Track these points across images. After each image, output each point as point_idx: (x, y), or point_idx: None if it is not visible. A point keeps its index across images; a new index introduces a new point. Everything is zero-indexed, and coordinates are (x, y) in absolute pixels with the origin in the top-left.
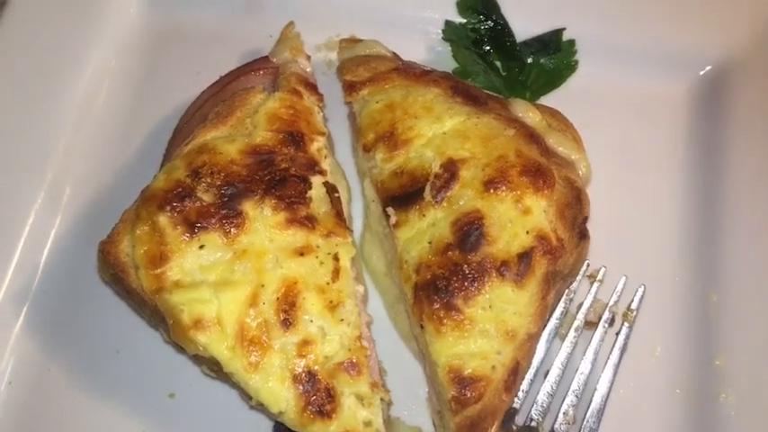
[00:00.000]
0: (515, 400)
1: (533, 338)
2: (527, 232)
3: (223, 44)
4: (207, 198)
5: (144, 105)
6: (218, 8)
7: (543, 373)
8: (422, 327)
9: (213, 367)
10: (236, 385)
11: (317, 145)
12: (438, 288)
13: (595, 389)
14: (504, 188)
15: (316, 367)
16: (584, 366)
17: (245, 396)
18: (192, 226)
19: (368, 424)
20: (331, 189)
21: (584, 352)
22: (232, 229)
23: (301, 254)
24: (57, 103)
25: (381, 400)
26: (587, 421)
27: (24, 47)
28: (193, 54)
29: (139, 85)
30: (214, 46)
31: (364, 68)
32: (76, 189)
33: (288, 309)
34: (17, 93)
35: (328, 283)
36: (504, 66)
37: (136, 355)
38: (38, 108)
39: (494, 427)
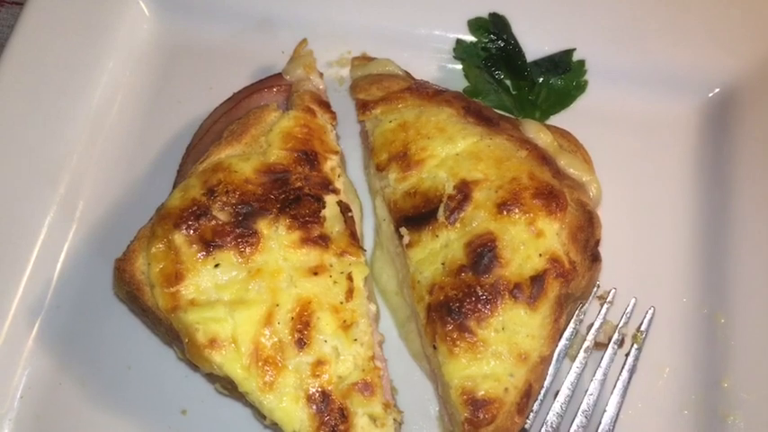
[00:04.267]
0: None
1: (546, 361)
2: (540, 255)
3: (236, 60)
4: (222, 217)
5: (156, 120)
6: (230, 24)
7: (553, 393)
8: (434, 348)
9: (227, 386)
10: (249, 404)
11: (330, 164)
12: (451, 309)
13: (604, 410)
14: (517, 211)
15: (329, 387)
16: (594, 387)
17: (260, 415)
18: (208, 244)
19: None
20: (344, 208)
21: (594, 373)
22: (247, 248)
23: (315, 273)
24: (69, 118)
25: (393, 420)
26: None
27: (37, 61)
28: (206, 70)
29: (152, 100)
30: (227, 62)
31: (377, 87)
32: (90, 203)
33: (302, 328)
34: (30, 107)
35: (342, 303)
36: (514, 85)
37: (148, 371)
38: (50, 122)
39: None
